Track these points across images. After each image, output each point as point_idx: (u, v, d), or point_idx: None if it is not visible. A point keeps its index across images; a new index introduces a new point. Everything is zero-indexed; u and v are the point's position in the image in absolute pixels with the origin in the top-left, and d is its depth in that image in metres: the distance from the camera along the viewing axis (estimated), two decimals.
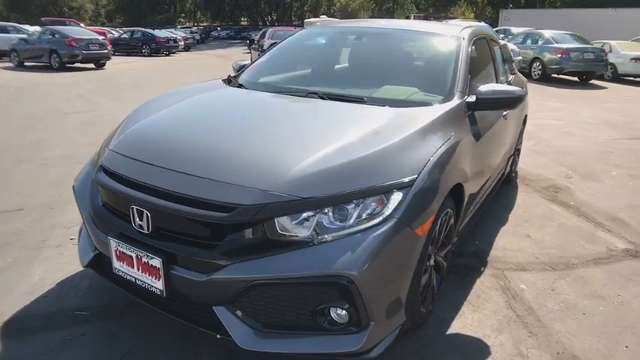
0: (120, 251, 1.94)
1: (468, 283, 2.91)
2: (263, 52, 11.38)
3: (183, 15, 59.66)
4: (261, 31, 14.29)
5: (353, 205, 1.80)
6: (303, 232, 1.76)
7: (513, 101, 2.74)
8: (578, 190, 4.74)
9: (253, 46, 14.35)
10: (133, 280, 1.94)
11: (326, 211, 1.78)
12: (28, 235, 3.26)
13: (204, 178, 1.85)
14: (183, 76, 13.85)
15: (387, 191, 1.84)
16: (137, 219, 1.88)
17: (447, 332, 2.42)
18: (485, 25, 15.37)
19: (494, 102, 2.72)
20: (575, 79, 14.75)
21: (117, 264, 1.98)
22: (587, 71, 14.23)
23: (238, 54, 26.09)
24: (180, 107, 2.65)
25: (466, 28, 3.41)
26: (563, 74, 14.32)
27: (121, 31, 24.35)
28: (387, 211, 1.82)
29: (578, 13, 24.29)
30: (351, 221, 1.78)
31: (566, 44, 14.17)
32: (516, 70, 5.04)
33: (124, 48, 22.63)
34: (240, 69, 3.54)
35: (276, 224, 1.75)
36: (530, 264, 3.20)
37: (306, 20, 30.00)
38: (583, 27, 19.34)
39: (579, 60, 13.71)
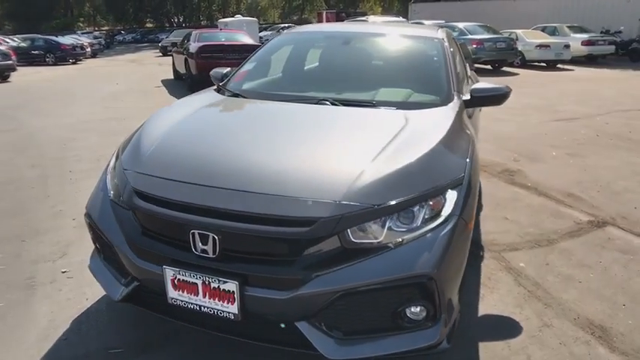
0: (180, 280, 1.84)
1: (475, 268, 3.11)
2: (191, 55, 11.18)
3: (82, 19, 55.56)
4: (185, 34, 13.71)
5: (418, 208, 1.87)
6: (376, 239, 1.80)
7: (502, 97, 2.97)
8: (529, 171, 5.19)
9: (175, 49, 13.72)
10: (197, 308, 1.85)
11: (395, 215, 1.83)
12: (9, 273, 2.94)
13: (274, 195, 1.82)
14: (104, 84, 12.98)
15: (444, 191, 1.94)
16: (199, 244, 1.79)
17: (479, 315, 2.58)
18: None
19: (486, 99, 2.93)
20: (489, 67, 15.97)
21: (174, 294, 1.88)
22: (500, 59, 15.49)
23: (151, 58, 24.96)
24: (197, 122, 2.55)
25: (440, 29, 3.61)
26: (478, 64, 15.44)
27: (17, 40, 22.15)
28: (448, 210, 1.91)
29: (481, 5, 26.15)
30: (419, 223, 1.85)
31: (479, 35, 15.29)
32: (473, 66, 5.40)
33: (25, 57, 20.62)
34: (224, 77, 3.45)
35: (351, 233, 1.77)
36: (518, 244, 3.48)
37: (220, 20, 29.36)
38: (486, 17, 20.91)
39: (492, 49, 14.89)
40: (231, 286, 1.75)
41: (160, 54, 26.83)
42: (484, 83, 3.10)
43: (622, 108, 8.63)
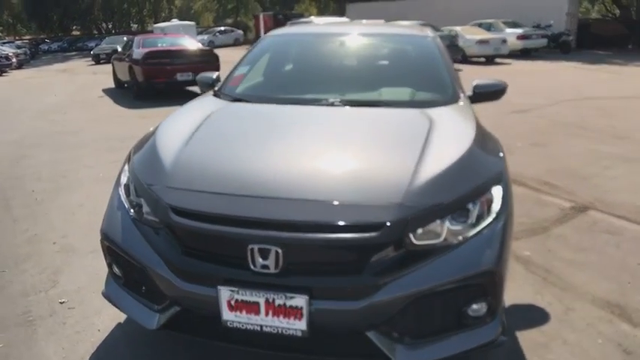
0: (237, 300, 1.71)
1: None
2: (136, 62, 10.63)
3: (1, 29, 51.45)
4: (127, 41, 13.04)
5: (471, 205, 1.86)
6: (438, 239, 1.77)
7: (501, 92, 3.07)
8: None
9: (115, 56, 12.99)
10: (258, 328, 1.73)
11: (452, 214, 1.81)
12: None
13: (335, 202, 1.74)
14: (41, 96, 12.07)
15: (491, 187, 1.95)
16: (259, 259, 1.67)
17: (506, 306, 2.63)
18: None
19: (488, 95, 3.01)
20: None
21: (230, 315, 1.74)
22: None
23: (83, 67, 23.57)
24: (216, 129, 2.42)
25: (425, 26, 3.66)
26: None
27: None
28: (498, 205, 1.93)
29: (415, 4, 26.93)
30: (473, 220, 1.85)
31: None
32: None
33: None
34: (214, 82, 3.30)
35: (413, 235, 1.73)
36: (517, 233, 3.57)
37: (155, 25, 28.36)
38: (420, 16, 21.47)
39: None
40: (300, 301, 1.65)
41: (93, 62, 25.43)
42: (483, 79, 3.16)
43: (567, 98, 9.21)
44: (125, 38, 18.00)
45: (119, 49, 13.70)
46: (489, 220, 1.87)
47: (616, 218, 3.85)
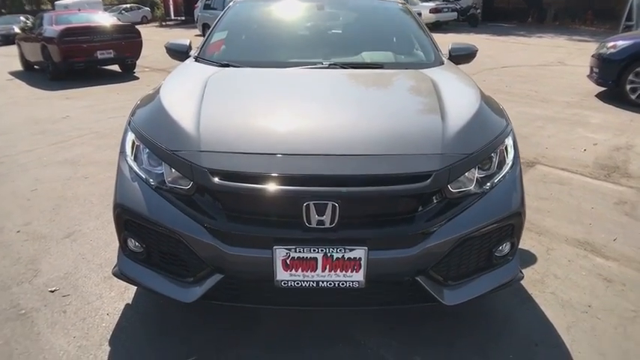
0: (294, 258, 1.70)
1: None
2: (51, 41, 9.63)
3: None
4: (35, 18, 11.68)
5: (494, 154, 1.99)
6: (471, 185, 1.88)
7: (473, 55, 3.27)
8: None
9: (21, 36, 11.64)
10: (314, 284, 1.74)
11: (480, 163, 1.93)
12: None
13: (385, 154, 1.79)
14: None
15: (505, 137, 2.09)
16: (315, 215, 1.67)
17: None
18: None
19: (462, 57, 3.20)
20: None
21: (284, 275, 1.73)
22: None
23: None
24: (224, 91, 2.36)
25: None
26: None
27: None
28: (512, 154, 2.08)
29: None
30: (495, 168, 1.98)
31: None
32: None
33: None
34: (189, 50, 3.15)
35: (451, 184, 1.83)
36: None
37: (58, 2, 25.92)
38: None
39: None
40: (359, 252, 1.68)
41: None
42: (457, 43, 3.33)
43: (488, 67, 9.87)
44: (22, 18, 16.16)
45: (17, 30, 12.30)
46: (508, 167, 2.02)
47: (561, 170, 4.28)
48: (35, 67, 11.00)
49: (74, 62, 9.50)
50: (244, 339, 2.09)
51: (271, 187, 1.70)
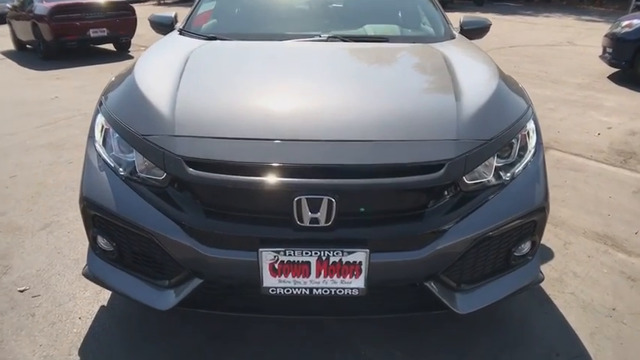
0: (283, 262, 1.46)
1: None
2: (41, 19, 9.28)
3: None
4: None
5: (514, 140, 1.74)
6: (489, 176, 1.63)
7: (486, 30, 2.98)
8: None
9: (11, 14, 11.22)
10: (306, 292, 1.50)
11: (500, 150, 1.67)
12: None
13: (388, 141, 1.53)
14: None
15: (526, 121, 1.83)
16: (309, 212, 1.43)
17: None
18: None
19: (474, 32, 2.91)
20: None
21: (272, 281, 1.49)
22: None
23: None
24: (206, 68, 2.06)
25: None
26: None
27: None
28: (534, 139, 1.83)
29: None
30: (515, 156, 1.73)
31: None
32: None
33: None
34: (174, 22, 2.88)
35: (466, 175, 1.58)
36: None
37: None
38: None
39: None
40: (360, 256, 1.44)
41: None
42: (469, 16, 3.04)
43: (495, 47, 9.50)
44: None
45: (9, 6, 11.88)
46: (530, 154, 1.77)
47: (575, 156, 4.02)
48: (28, 46, 10.65)
49: (66, 41, 9.15)
50: (236, 347, 1.87)
51: (257, 178, 1.44)
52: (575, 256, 2.54)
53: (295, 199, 1.42)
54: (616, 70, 6.90)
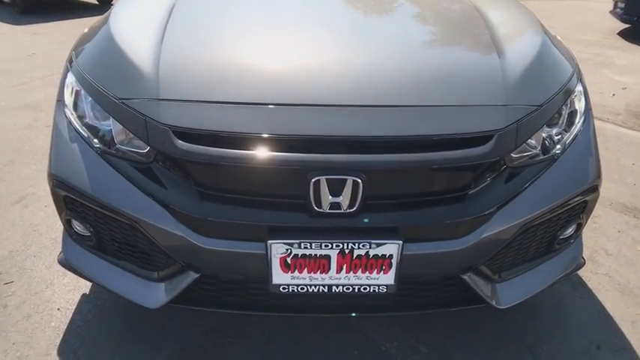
0: (297, 255, 1.21)
1: None
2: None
3: None
4: None
5: (564, 107, 1.47)
6: (537, 149, 1.37)
7: None
8: None
9: None
10: (325, 289, 1.26)
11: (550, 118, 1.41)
12: None
13: (424, 106, 1.26)
14: None
15: (575, 85, 1.56)
16: (329, 196, 1.16)
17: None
18: None
19: None
20: None
21: (284, 278, 1.24)
22: None
23: None
24: (195, 18, 1.68)
25: None
26: None
27: None
28: (582, 104, 1.58)
29: None
30: (565, 123, 1.47)
31: None
32: None
33: None
34: None
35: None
36: None
37: None
38: None
39: None
40: (391, 248, 1.19)
41: None
42: None
43: None
44: None
45: None
46: (580, 123, 1.52)
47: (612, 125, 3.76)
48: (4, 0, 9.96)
49: None
50: (233, 345, 1.65)
51: (263, 153, 1.16)
52: (604, 232, 2.33)
53: (312, 180, 1.15)
54: (626, 26, 6.57)
